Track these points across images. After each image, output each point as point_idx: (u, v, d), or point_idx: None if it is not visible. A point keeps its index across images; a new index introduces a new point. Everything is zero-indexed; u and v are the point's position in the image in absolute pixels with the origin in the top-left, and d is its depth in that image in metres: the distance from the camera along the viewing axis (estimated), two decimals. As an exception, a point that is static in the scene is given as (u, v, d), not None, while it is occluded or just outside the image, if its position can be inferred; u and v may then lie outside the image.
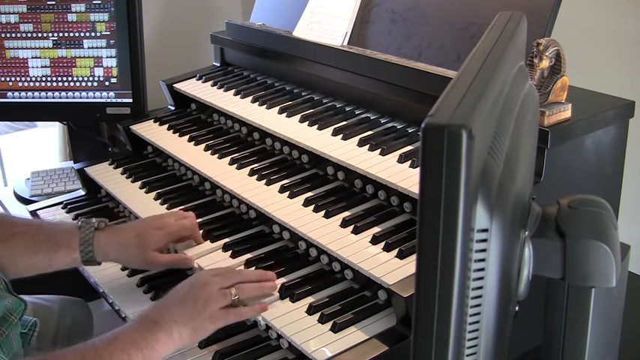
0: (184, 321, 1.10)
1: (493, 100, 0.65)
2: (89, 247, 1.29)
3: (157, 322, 1.09)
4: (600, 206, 0.80)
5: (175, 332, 1.09)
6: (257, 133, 1.65)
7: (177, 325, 1.09)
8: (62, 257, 1.29)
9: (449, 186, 0.54)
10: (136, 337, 1.05)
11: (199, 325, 1.12)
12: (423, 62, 1.47)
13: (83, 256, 1.29)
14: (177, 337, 1.09)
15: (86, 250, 1.28)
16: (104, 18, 1.88)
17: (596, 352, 0.81)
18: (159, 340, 1.07)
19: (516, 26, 0.86)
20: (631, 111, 1.34)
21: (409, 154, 1.34)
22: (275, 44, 1.80)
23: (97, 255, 1.30)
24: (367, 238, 1.23)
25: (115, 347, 1.03)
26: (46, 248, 1.28)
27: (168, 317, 1.10)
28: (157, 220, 1.37)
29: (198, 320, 1.11)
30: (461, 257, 0.55)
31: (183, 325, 1.10)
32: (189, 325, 1.10)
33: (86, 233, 1.29)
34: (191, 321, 1.11)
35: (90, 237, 1.29)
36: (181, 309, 1.11)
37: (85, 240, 1.29)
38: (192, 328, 1.11)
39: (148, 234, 1.32)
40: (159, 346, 1.07)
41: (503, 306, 0.70)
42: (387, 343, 1.08)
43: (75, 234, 1.30)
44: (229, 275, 1.20)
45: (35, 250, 1.27)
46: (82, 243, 1.29)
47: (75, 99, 1.93)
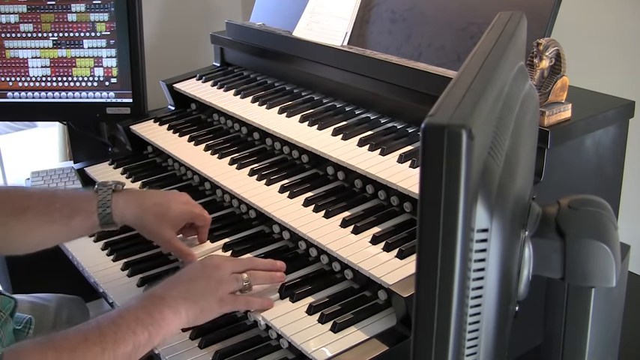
0: (194, 298, 1.09)
1: (493, 100, 0.65)
2: (107, 209, 1.27)
3: (163, 297, 1.07)
4: (600, 206, 0.80)
5: (182, 309, 1.07)
6: (257, 133, 1.65)
7: (185, 302, 1.08)
8: (80, 223, 1.27)
9: (449, 186, 0.54)
10: (141, 315, 1.04)
11: (207, 306, 1.11)
12: (423, 62, 1.47)
13: (101, 218, 1.27)
14: (184, 314, 1.08)
15: (104, 212, 1.27)
16: (104, 18, 1.88)
17: (596, 352, 0.81)
18: (165, 317, 1.05)
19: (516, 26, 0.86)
20: (631, 111, 1.34)
21: (409, 154, 1.34)
22: (275, 44, 1.80)
23: (115, 216, 1.28)
24: (367, 238, 1.23)
25: (119, 326, 1.01)
26: (62, 216, 1.26)
27: (176, 293, 1.09)
28: (182, 196, 1.36)
29: (208, 300, 1.11)
30: (461, 257, 0.55)
31: (192, 303, 1.09)
32: (199, 303, 1.09)
33: (104, 195, 1.28)
34: (200, 300, 1.10)
35: (108, 199, 1.28)
36: (191, 286, 1.10)
37: (102, 202, 1.27)
38: (200, 308, 1.10)
39: (170, 205, 1.31)
40: (165, 323, 1.05)
41: (503, 306, 0.70)
42: (387, 343, 1.08)
43: (92, 198, 1.28)
44: (242, 260, 1.21)
45: (51, 220, 1.25)
46: (100, 205, 1.27)
47: (75, 99, 1.93)
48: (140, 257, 1.47)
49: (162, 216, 1.30)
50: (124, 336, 1.00)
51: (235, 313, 1.27)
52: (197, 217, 1.36)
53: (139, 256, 1.47)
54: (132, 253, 1.48)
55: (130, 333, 1.00)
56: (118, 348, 0.98)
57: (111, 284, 1.41)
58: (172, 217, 1.31)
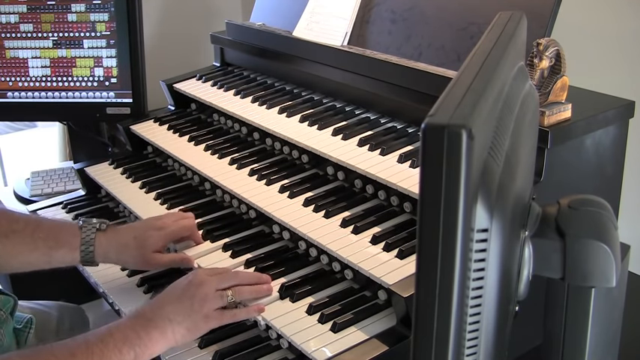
0: (179, 319, 1.10)
1: (493, 100, 0.65)
2: (90, 247, 1.28)
3: (151, 319, 1.08)
4: (600, 206, 0.80)
5: (169, 330, 1.09)
6: (257, 133, 1.65)
7: (171, 324, 1.09)
8: (62, 256, 1.29)
9: (449, 186, 0.54)
10: (129, 335, 1.05)
11: (193, 325, 1.12)
12: (423, 62, 1.47)
13: (83, 256, 1.28)
14: (170, 335, 1.09)
15: (87, 250, 1.28)
16: (104, 18, 1.88)
17: (596, 352, 0.81)
18: (152, 338, 1.06)
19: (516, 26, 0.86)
20: (631, 111, 1.34)
21: (409, 154, 1.34)
22: (275, 44, 1.80)
23: (97, 256, 1.29)
24: (367, 238, 1.23)
25: (107, 344, 1.02)
26: (45, 246, 1.27)
27: (163, 315, 1.10)
28: (156, 222, 1.37)
29: (193, 319, 1.11)
30: (461, 257, 0.55)
31: (178, 324, 1.10)
32: (184, 323, 1.10)
33: (88, 234, 1.29)
34: (185, 320, 1.11)
35: (91, 237, 1.29)
36: (176, 307, 1.11)
37: (86, 240, 1.29)
38: (186, 327, 1.11)
39: (147, 235, 1.32)
40: (152, 344, 1.06)
41: (503, 306, 0.70)
42: (387, 343, 1.08)
43: (76, 234, 1.29)
44: (226, 276, 1.20)
45: (34, 248, 1.27)
46: (84, 243, 1.28)
47: (75, 99, 1.93)
48: (140, 257, 1.47)
49: (142, 246, 1.31)
50: (110, 354, 1.01)
51: (235, 313, 1.27)
52: (177, 233, 1.37)
53: (139, 256, 1.47)
54: (132, 253, 1.48)
55: (117, 352, 1.02)
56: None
57: (111, 284, 1.41)
58: (152, 244, 1.32)
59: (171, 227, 1.35)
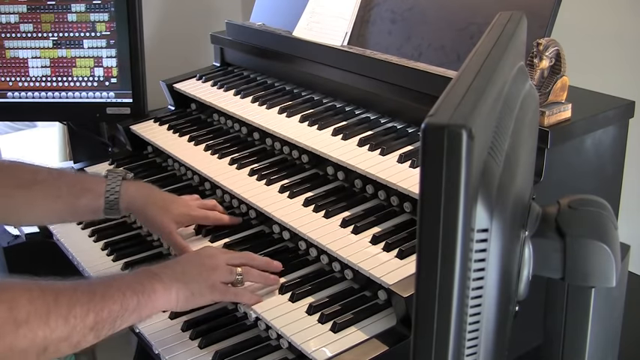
0: (186, 280, 1.10)
1: (493, 100, 0.65)
2: (115, 193, 1.29)
3: (157, 274, 1.08)
4: (600, 206, 0.80)
5: (174, 289, 1.08)
6: (257, 133, 1.65)
7: (177, 283, 1.09)
8: (86, 203, 1.28)
9: (449, 186, 0.54)
10: (133, 284, 1.04)
11: (198, 290, 1.12)
12: (423, 62, 1.47)
13: (107, 203, 1.29)
14: (174, 294, 1.08)
15: (112, 197, 1.28)
16: (104, 18, 1.88)
17: (596, 352, 0.81)
18: (156, 290, 1.06)
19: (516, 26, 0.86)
20: (631, 111, 1.34)
21: (409, 154, 1.34)
22: (275, 44, 1.80)
23: (122, 202, 1.30)
24: (367, 238, 1.23)
25: (110, 286, 1.01)
26: (69, 193, 1.27)
27: (170, 273, 1.10)
28: (183, 200, 1.40)
29: (199, 284, 1.12)
30: (461, 257, 0.55)
31: (184, 285, 1.10)
32: (189, 286, 1.10)
33: (113, 180, 1.31)
34: (192, 283, 1.11)
35: (117, 184, 1.30)
36: (185, 269, 1.12)
37: (112, 187, 1.29)
38: (190, 291, 1.10)
39: (175, 204, 1.35)
40: (155, 296, 1.05)
41: (503, 306, 0.70)
42: (387, 343, 1.08)
43: (101, 181, 1.31)
44: (237, 254, 1.23)
45: (58, 195, 1.27)
46: (109, 189, 1.29)
47: (75, 99, 1.93)
48: (140, 257, 1.47)
49: (166, 209, 1.33)
50: (113, 294, 1.00)
51: (235, 313, 1.27)
52: (197, 219, 1.40)
53: (139, 256, 1.47)
54: (132, 253, 1.48)
55: (120, 294, 1.01)
56: (105, 302, 0.98)
57: (111, 284, 1.41)
58: (175, 214, 1.34)
59: (196, 212, 1.39)
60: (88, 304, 0.96)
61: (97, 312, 0.97)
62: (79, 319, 0.95)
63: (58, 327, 0.92)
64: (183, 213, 1.36)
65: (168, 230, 1.33)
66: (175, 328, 1.24)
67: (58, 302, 0.93)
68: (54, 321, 0.92)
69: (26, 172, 1.29)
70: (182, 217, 1.36)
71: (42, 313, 0.91)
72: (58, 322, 0.92)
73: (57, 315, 0.92)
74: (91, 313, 0.96)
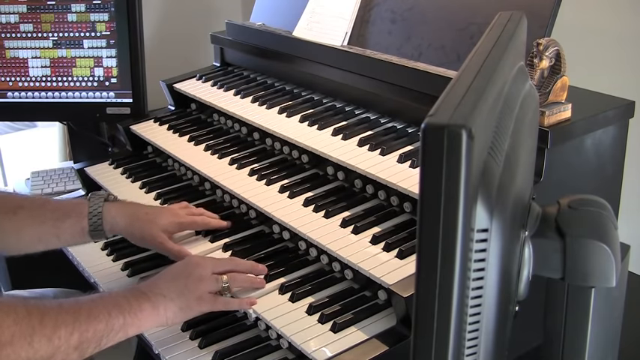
0: (172, 296, 1.10)
1: (493, 100, 0.65)
2: (98, 215, 1.29)
3: (144, 292, 1.09)
4: (600, 206, 0.80)
5: (162, 306, 1.08)
6: (257, 133, 1.65)
7: (164, 300, 1.09)
8: (70, 226, 1.29)
9: (449, 186, 0.54)
10: (120, 301, 1.05)
11: (186, 304, 1.12)
12: (423, 62, 1.47)
13: (91, 224, 1.29)
14: (162, 311, 1.09)
15: (95, 218, 1.29)
16: (104, 18, 1.88)
17: (596, 352, 0.81)
18: (143, 309, 1.06)
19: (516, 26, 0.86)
20: (631, 111, 1.34)
21: (409, 154, 1.34)
22: (275, 44, 1.80)
23: (106, 224, 1.30)
24: (367, 238, 1.23)
25: (96, 305, 1.01)
26: (53, 217, 1.28)
27: (157, 290, 1.10)
28: (170, 209, 1.40)
29: (186, 298, 1.12)
30: (461, 257, 0.55)
31: (171, 301, 1.10)
32: (177, 301, 1.10)
33: (95, 202, 1.31)
34: (178, 298, 1.11)
35: (99, 206, 1.30)
36: (171, 285, 1.12)
37: (94, 208, 1.30)
38: (178, 306, 1.11)
39: (160, 215, 1.35)
40: (142, 315, 1.06)
41: (503, 306, 0.70)
42: (387, 343, 1.08)
43: (84, 204, 1.31)
44: (222, 261, 1.22)
45: (42, 221, 1.27)
46: (91, 211, 1.29)
47: (75, 99, 1.93)
48: (140, 257, 1.47)
49: (151, 221, 1.33)
50: (98, 314, 1.00)
51: (235, 313, 1.27)
52: (188, 226, 1.40)
53: (139, 256, 1.47)
54: (132, 253, 1.48)
55: (105, 313, 1.01)
56: (90, 322, 0.98)
57: (111, 284, 1.41)
58: (162, 224, 1.34)
59: (184, 218, 1.38)
60: (73, 324, 0.97)
61: (81, 332, 0.97)
62: (64, 340, 0.95)
63: (41, 348, 0.93)
64: (170, 222, 1.35)
65: (159, 241, 1.33)
66: (175, 328, 1.24)
67: (43, 323, 0.94)
68: (37, 342, 0.92)
69: (10, 200, 1.30)
70: (170, 225, 1.35)
71: (26, 334, 0.91)
72: (41, 343, 0.93)
73: (41, 336, 0.93)
74: (75, 333, 0.96)
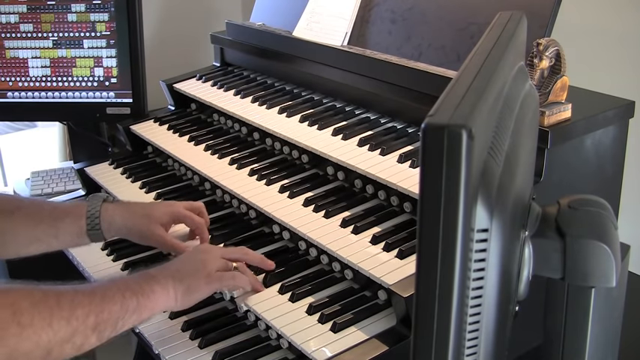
0: (180, 276, 1.12)
1: (493, 100, 0.65)
2: (96, 213, 1.30)
3: (153, 275, 1.10)
4: (600, 206, 0.80)
5: (171, 287, 1.10)
6: (257, 133, 1.65)
7: (173, 281, 1.10)
8: (67, 225, 1.29)
9: (449, 186, 0.54)
10: (132, 284, 1.06)
11: (194, 284, 1.13)
12: (423, 62, 1.47)
13: (89, 223, 1.29)
14: (172, 292, 1.10)
15: (93, 217, 1.30)
16: (104, 18, 1.88)
17: (596, 352, 0.81)
18: (154, 290, 1.07)
19: (516, 26, 0.86)
20: (631, 111, 1.34)
21: (409, 154, 1.34)
22: (275, 44, 1.80)
23: (104, 223, 1.30)
24: (367, 238, 1.23)
25: (110, 287, 1.03)
26: (51, 217, 1.28)
27: (166, 272, 1.12)
28: (169, 202, 1.42)
29: (195, 278, 1.13)
30: (461, 257, 0.55)
31: (179, 281, 1.11)
32: (185, 281, 1.12)
33: (94, 202, 1.32)
34: (187, 278, 1.12)
35: (97, 205, 1.31)
36: (180, 266, 1.14)
37: (92, 207, 1.31)
38: (187, 285, 1.12)
39: (155, 207, 1.36)
40: (154, 296, 1.07)
41: (503, 306, 0.70)
42: (387, 343, 1.08)
43: (82, 205, 1.32)
44: (233, 249, 1.25)
45: (39, 220, 1.27)
46: (89, 210, 1.30)
47: (75, 99, 1.93)
48: (140, 257, 1.47)
49: (147, 215, 1.33)
50: (113, 295, 1.01)
51: (235, 313, 1.27)
52: (184, 217, 1.39)
53: (139, 256, 1.47)
54: (132, 253, 1.48)
55: (119, 295, 1.02)
56: (105, 304, 1.00)
57: (111, 284, 1.41)
58: (159, 216, 1.34)
59: (180, 209, 1.38)
60: (89, 306, 0.97)
61: (97, 313, 0.98)
62: (81, 320, 0.96)
63: (60, 329, 0.93)
64: (165, 212, 1.35)
65: (157, 234, 1.33)
66: (175, 328, 1.24)
67: (60, 305, 0.94)
68: (57, 323, 0.93)
69: (7, 201, 1.31)
70: (165, 215, 1.35)
71: (45, 315, 0.92)
72: (60, 324, 0.93)
73: (59, 317, 0.93)
74: (91, 315, 0.97)
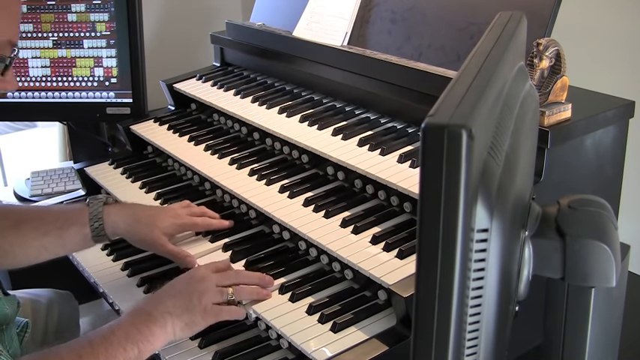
0: (178, 312, 1.11)
1: (493, 100, 0.65)
2: (99, 220, 1.30)
3: (151, 314, 1.09)
4: (600, 206, 0.79)
5: (169, 324, 1.09)
6: (257, 133, 1.65)
7: (170, 317, 1.10)
8: (73, 234, 1.30)
9: (449, 186, 0.54)
10: (131, 332, 1.06)
11: (191, 319, 1.12)
12: (423, 62, 1.47)
13: (93, 230, 1.30)
14: (170, 328, 1.10)
15: (96, 224, 1.30)
16: (104, 18, 1.88)
17: (596, 352, 0.81)
18: (153, 333, 1.07)
19: (516, 26, 0.86)
20: (631, 111, 1.34)
21: (409, 154, 1.34)
22: (275, 44, 1.80)
23: (107, 228, 1.31)
24: (367, 238, 1.23)
25: (111, 342, 1.03)
26: (56, 227, 1.29)
27: (162, 309, 1.10)
28: (171, 210, 1.40)
29: (192, 313, 1.12)
30: (461, 257, 0.55)
31: (177, 317, 1.10)
32: (183, 317, 1.11)
33: (95, 207, 1.31)
34: (184, 313, 1.11)
35: (99, 211, 1.31)
36: (176, 301, 1.12)
37: (94, 214, 1.30)
38: (184, 322, 1.11)
39: (160, 217, 1.35)
40: (154, 338, 1.07)
41: (504, 306, 0.70)
42: (387, 343, 1.08)
43: (84, 210, 1.32)
44: (228, 274, 1.21)
45: (45, 232, 1.28)
46: (92, 217, 1.30)
47: (75, 99, 1.93)
48: (140, 257, 1.47)
49: (152, 224, 1.33)
50: (115, 352, 1.02)
51: (235, 313, 1.27)
52: (190, 226, 1.40)
53: (139, 256, 1.47)
54: (132, 253, 1.48)
55: (121, 350, 1.03)
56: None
57: (111, 284, 1.41)
58: (164, 227, 1.34)
59: (184, 219, 1.39)
60: None
61: None
62: None
63: None
64: (171, 223, 1.36)
65: (159, 243, 1.33)
66: (175, 328, 1.24)
67: None
68: None
69: (12, 212, 1.31)
70: (170, 227, 1.36)
71: None
72: None
73: None
74: None
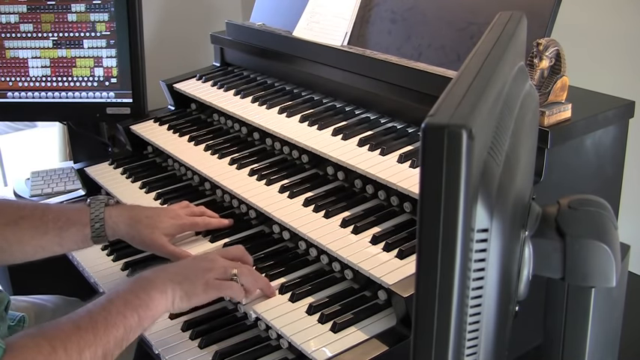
0: (179, 280, 1.11)
1: (493, 100, 0.65)
2: (100, 221, 1.30)
3: (151, 280, 1.09)
4: (600, 206, 0.79)
5: (169, 290, 1.09)
6: (257, 133, 1.65)
7: (171, 283, 1.10)
8: (73, 235, 1.29)
9: (449, 186, 0.54)
10: (130, 298, 1.05)
11: (192, 289, 1.12)
12: (423, 62, 1.47)
13: (93, 231, 1.30)
14: (170, 295, 1.09)
15: (97, 225, 1.30)
16: (104, 18, 1.88)
17: (596, 352, 0.81)
18: (153, 298, 1.07)
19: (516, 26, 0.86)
20: (631, 111, 1.34)
21: (409, 154, 1.34)
22: (275, 44, 1.80)
23: (108, 229, 1.31)
24: (367, 238, 1.23)
25: (109, 311, 1.02)
26: (55, 227, 1.28)
27: (164, 275, 1.11)
28: (171, 211, 1.40)
29: (193, 283, 1.12)
30: (461, 257, 0.55)
31: (178, 284, 1.10)
32: (183, 285, 1.11)
33: (96, 208, 1.31)
34: (185, 281, 1.11)
35: (100, 211, 1.31)
36: (179, 270, 1.13)
37: (95, 215, 1.30)
38: (184, 290, 1.11)
39: (160, 218, 1.35)
40: (153, 304, 1.07)
41: (504, 306, 0.70)
42: (387, 343, 1.08)
43: (85, 210, 1.31)
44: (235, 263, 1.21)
45: (45, 231, 1.27)
46: (93, 218, 1.30)
47: (75, 99, 1.93)
48: (140, 257, 1.47)
49: (152, 226, 1.33)
50: (115, 320, 1.01)
51: (235, 313, 1.27)
52: (189, 227, 1.40)
53: (139, 256, 1.47)
54: (132, 253, 1.48)
55: (120, 317, 1.02)
56: (109, 333, 1.00)
57: (111, 284, 1.41)
58: (164, 228, 1.35)
59: (184, 220, 1.39)
60: (95, 342, 0.98)
61: (104, 346, 0.99)
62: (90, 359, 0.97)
63: None
64: (171, 224, 1.36)
65: (160, 244, 1.33)
66: (175, 328, 1.24)
67: (68, 352, 0.95)
68: None
69: (11, 208, 1.30)
70: (170, 228, 1.36)
71: None
72: None
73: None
74: (99, 350, 0.98)
